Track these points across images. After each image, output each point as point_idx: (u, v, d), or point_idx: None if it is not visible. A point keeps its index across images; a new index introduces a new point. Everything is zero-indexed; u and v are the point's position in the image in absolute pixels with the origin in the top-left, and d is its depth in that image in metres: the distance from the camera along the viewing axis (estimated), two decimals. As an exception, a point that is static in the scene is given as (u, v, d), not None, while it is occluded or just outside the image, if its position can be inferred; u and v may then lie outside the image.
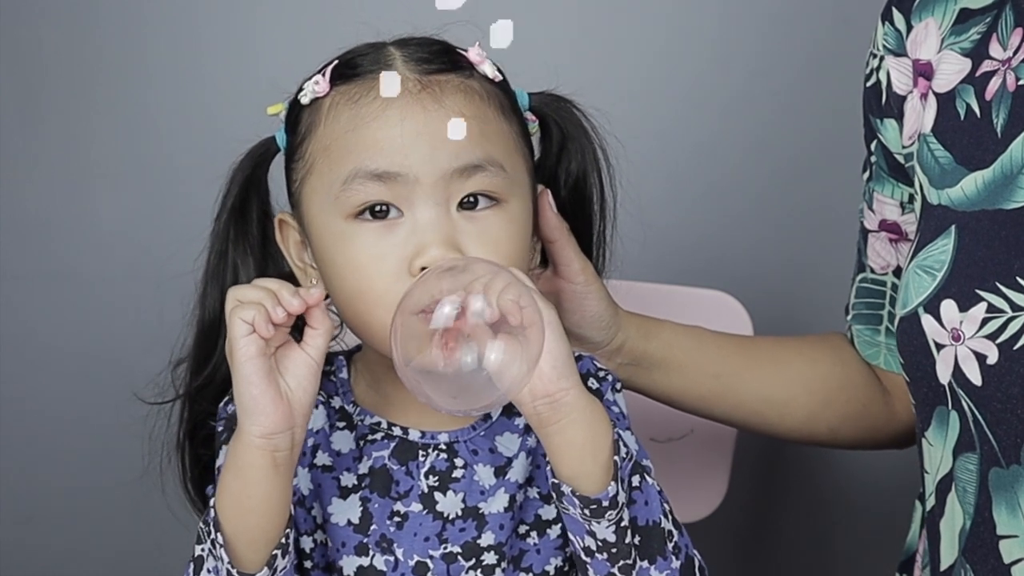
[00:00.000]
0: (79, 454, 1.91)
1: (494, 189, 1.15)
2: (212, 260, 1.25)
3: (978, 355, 1.20)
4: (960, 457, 1.25)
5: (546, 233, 1.27)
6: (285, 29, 1.83)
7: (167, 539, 1.49)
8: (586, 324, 1.33)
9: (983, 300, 1.20)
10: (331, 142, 1.17)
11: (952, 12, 1.32)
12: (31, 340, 1.91)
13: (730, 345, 1.42)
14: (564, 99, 1.28)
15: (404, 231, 1.14)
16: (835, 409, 1.42)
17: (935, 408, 1.26)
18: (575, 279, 1.30)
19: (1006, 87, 1.26)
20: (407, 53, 1.19)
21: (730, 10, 1.83)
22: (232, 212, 1.24)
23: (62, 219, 1.88)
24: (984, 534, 1.23)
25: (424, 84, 1.16)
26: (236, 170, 1.25)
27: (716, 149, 1.83)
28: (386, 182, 1.14)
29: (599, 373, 1.25)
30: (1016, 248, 1.20)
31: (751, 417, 1.42)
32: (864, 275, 1.43)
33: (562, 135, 1.28)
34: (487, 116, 1.18)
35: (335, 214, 1.16)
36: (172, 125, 1.86)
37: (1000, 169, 1.24)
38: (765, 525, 1.94)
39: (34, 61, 1.85)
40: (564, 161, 1.29)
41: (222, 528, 1.12)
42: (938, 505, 1.28)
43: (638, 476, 1.15)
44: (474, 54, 1.20)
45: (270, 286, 1.12)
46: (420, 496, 1.18)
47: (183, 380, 1.26)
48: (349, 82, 1.18)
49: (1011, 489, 1.21)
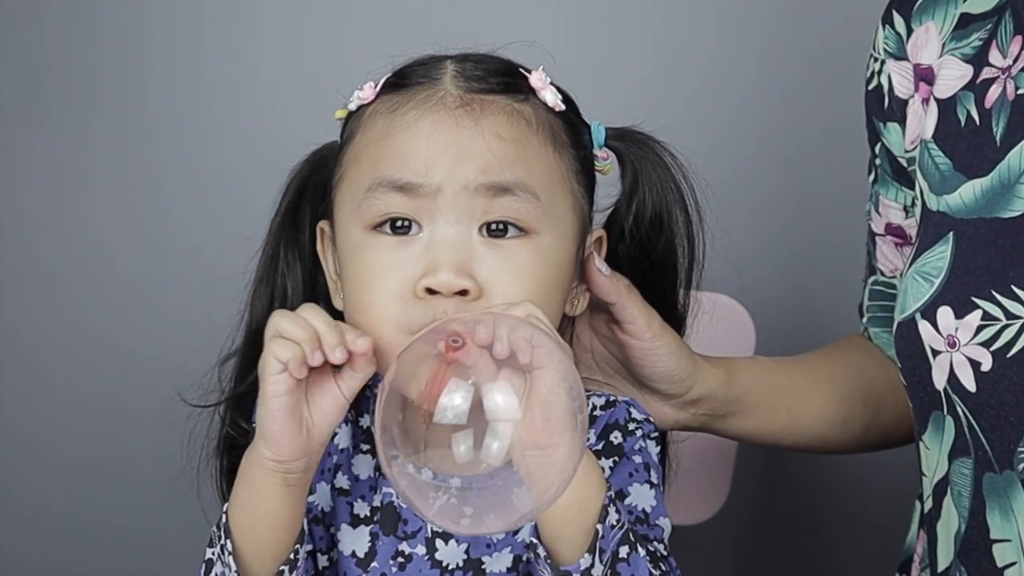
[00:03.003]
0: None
1: (522, 217, 1.10)
2: (263, 262, 1.22)
3: (973, 362, 1.20)
4: (955, 461, 1.25)
5: (602, 296, 1.22)
6: (289, 33, 1.83)
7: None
8: (657, 379, 1.27)
9: (979, 307, 1.20)
10: (362, 150, 1.14)
11: (953, 16, 1.31)
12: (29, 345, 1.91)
13: (795, 373, 1.38)
14: (637, 133, 1.22)
15: (419, 247, 1.09)
16: (887, 413, 1.41)
17: (931, 413, 1.27)
18: (641, 336, 1.24)
19: (1006, 96, 1.25)
20: (462, 69, 1.14)
21: (730, 19, 1.82)
22: (285, 216, 1.21)
23: (62, 221, 1.88)
24: (978, 538, 1.23)
25: (465, 101, 1.11)
26: (294, 173, 1.22)
27: (718, 153, 1.81)
28: (407, 193, 1.09)
29: (629, 425, 1.18)
30: (1012, 257, 1.20)
31: (815, 441, 1.39)
32: (875, 278, 1.43)
33: (635, 173, 1.22)
34: (530, 142, 1.12)
35: (356, 224, 1.12)
36: (174, 128, 1.86)
37: (998, 178, 1.23)
38: (767, 527, 1.94)
39: (38, 64, 1.86)
40: (635, 200, 1.22)
41: (232, 536, 1.10)
42: (935, 508, 1.29)
43: (627, 547, 1.07)
44: (536, 78, 1.16)
45: (316, 325, 1.06)
46: (425, 540, 1.14)
47: (228, 382, 1.23)
48: (395, 91, 1.14)
49: (1004, 494, 1.21)
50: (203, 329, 1.30)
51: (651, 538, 1.13)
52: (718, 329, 1.44)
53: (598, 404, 1.19)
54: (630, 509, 1.14)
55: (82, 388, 1.91)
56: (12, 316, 1.90)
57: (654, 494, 1.15)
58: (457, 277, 1.07)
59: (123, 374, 1.89)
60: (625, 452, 1.16)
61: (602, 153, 1.20)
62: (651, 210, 1.22)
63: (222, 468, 1.23)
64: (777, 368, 1.37)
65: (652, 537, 1.13)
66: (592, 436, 1.17)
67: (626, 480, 1.15)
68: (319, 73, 1.66)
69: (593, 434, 1.17)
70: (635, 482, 1.14)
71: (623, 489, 1.15)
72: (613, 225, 1.24)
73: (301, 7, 1.83)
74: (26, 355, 1.91)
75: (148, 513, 1.89)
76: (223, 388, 1.23)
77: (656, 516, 1.14)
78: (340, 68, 1.21)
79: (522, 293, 1.08)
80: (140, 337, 1.88)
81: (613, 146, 1.21)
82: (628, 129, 1.22)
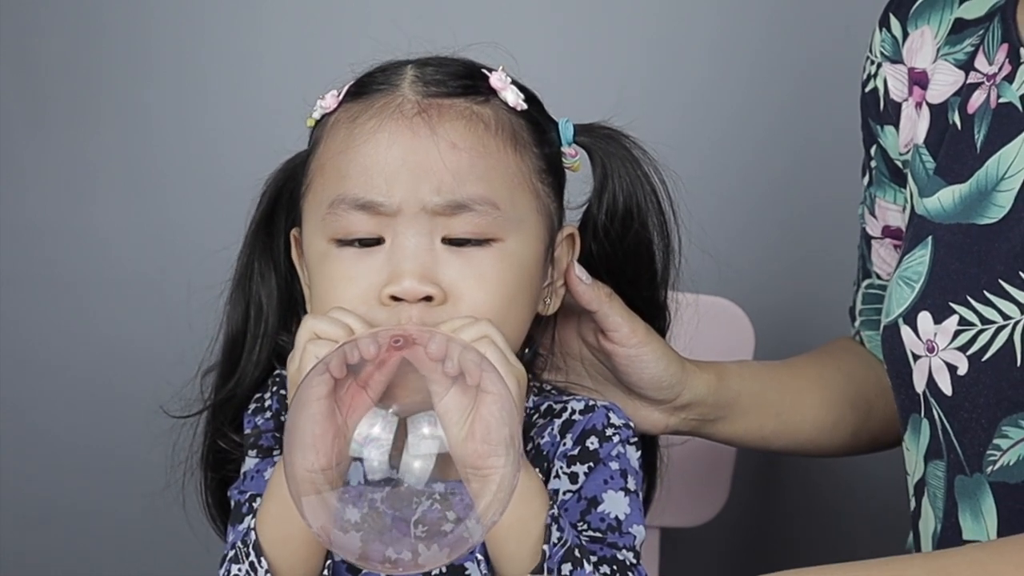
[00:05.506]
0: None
1: (481, 231, 1.10)
2: (239, 270, 1.23)
3: (950, 366, 1.21)
4: (930, 463, 1.26)
5: (583, 305, 1.21)
6: (290, 38, 1.83)
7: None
8: (645, 385, 1.26)
9: (956, 313, 1.21)
10: (326, 161, 1.14)
11: (947, 22, 1.31)
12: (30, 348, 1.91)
13: (785, 377, 1.38)
14: (604, 128, 1.21)
15: (382, 256, 1.10)
16: (876, 417, 1.41)
17: (910, 415, 1.28)
18: (626, 343, 1.23)
19: (989, 103, 1.25)
20: (421, 73, 1.14)
21: (727, 25, 1.82)
22: (260, 224, 1.22)
23: (63, 224, 1.88)
24: (952, 538, 1.24)
25: (423, 108, 1.11)
26: (268, 182, 1.23)
27: (717, 156, 1.81)
28: (368, 211, 1.10)
29: (607, 431, 1.17)
30: (987, 263, 1.20)
31: (805, 445, 1.39)
32: (870, 281, 1.42)
33: (604, 168, 1.21)
34: (487, 149, 1.12)
35: (321, 235, 1.12)
36: (174, 130, 1.86)
37: (976, 185, 1.23)
38: (766, 528, 1.94)
39: (38, 66, 1.86)
40: (606, 195, 1.21)
41: (264, 553, 1.08)
42: (916, 508, 1.30)
43: (570, 564, 1.07)
44: (496, 79, 1.16)
45: (350, 323, 1.07)
46: (409, 546, 1.09)
47: (210, 391, 1.23)
48: (356, 100, 1.15)
49: (974, 496, 1.22)
50: (203, 330, 1.30)
51: (620, 546, 1.13)
52: (717, 333, 1.45)
53: (577, 408, 1.19)
54: (602, 516, 1.14)
55: (83, 389, 1.91)
56: (13, 318, 1.90)
57: (628, 501, 1.14)
58: (421, 284, 1.08)
59: (124, 375, 1.89)
60: (601, 458, 1.16)
61: (570, 150, 1.20)
62: (622, 204, 1.21)
63: (207, 481, 1.23)
64: (767, 373, 1.37)
65: (621, 545, 1.13)
66: (569, 441, 1.17)
67: (600, 487, 1.15)
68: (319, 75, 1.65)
69: (571, 439, 1.17)
70: (609, 489, 1.14)
71: (597, 496, 1.14)
72: (587, 222, 1.23)
73: (301, 9, 1.83)
74: (27, 357, 1.91)
75: (149, 514, 1.89)
76: (205, 400, 1.23)
77: (629, 524, 1.14)
78: (340, 70, 1.21)
79: (487, 297, 1.09)
80: (141, 338, 1.88)
81: (582, 142, 1.20)
82: (596, 125, 1.21)
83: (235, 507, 1.17)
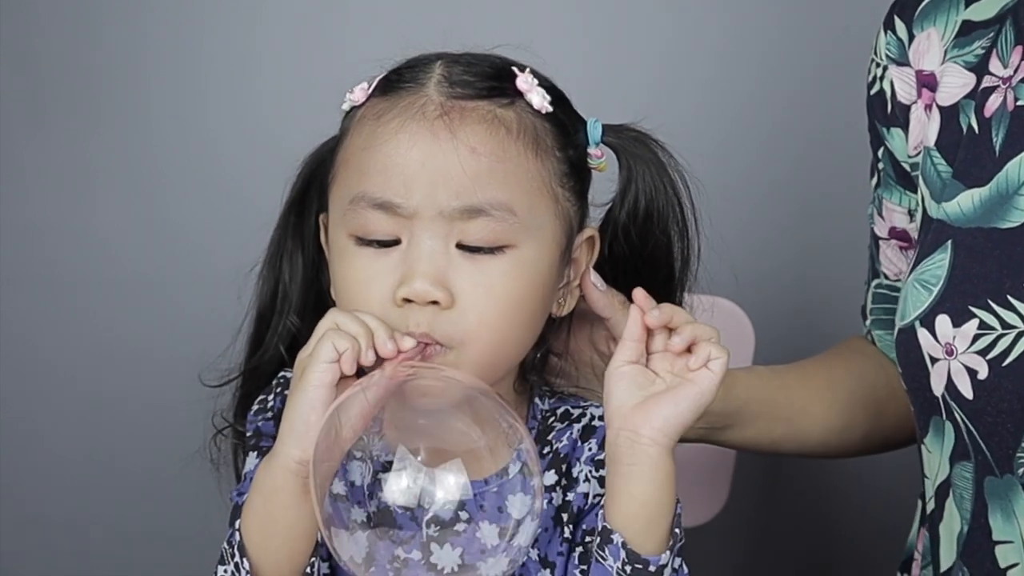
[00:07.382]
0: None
1: (496, 237, 1.11)
2: (270, 248, 1.24)
3: (970, 370, 1.21)
4: (956, 465, 1.26)
5: (597, 311, 1.22)
6: (290, 38, 1.83)
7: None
8: None
9: (976, 317, 1.21)
10: (350, 156, 1.15)
11: (955, 23, 1.31)
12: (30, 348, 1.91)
13: (794, 382, 1.38)
14: (632, 129, 1.21)
15: (398, 256, 1.11)
16: (888, 418, 1.41)
17: (931, 417, 1.27)
18: None
19: (1006, 106, 1.25)
20: (448, 73, 1.15)
21: (734, 25, 1.82)
22: (292, 205, 1.23)
23: (64, 224, 1.88)
24: (980, 539, 1.24)
25: (445, 110, 1.12)
26: (304, 164, 1.23)
27: (721, 157, 1.82)
28: (386, 210, 1.11)
29: None
30: (1008, 267, 1.21)
31: (816, 448, 1.40)
32: (879, 281, 1.42)
33: (629, 169, 1.21)
34: (507, 153, 1.12)
35: (342, 228, 1.14)
36: (175, 130, 1.86)
37: (996, 188, 1.23)
38: (767, 528, 1.94)
39: (38, 67, 1.85)
40: (628, 196, 1.21)
41: (247, 553, 1.09)
42: (937, 509, 1.29)
43: (680, 559, 1.12)
44: (522, 80, 1.15)
45: (370, 324, 1.09)
46: (420, 545, 1.13)
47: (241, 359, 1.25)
48: (384, 96, 1.15)
49: (1006, 497, 1.22)
50: (204, 330, 1.32)
51: None
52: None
53: (596, 415, 1.21)
54: None
55: (84, 389, 1.91)
56: (14, 318, 1.90)
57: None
58: (431, 287, 1.09)
59: (125, 375, 1.89)
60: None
61: (596, 151, 1.20)
62: (644, 208, 1.22)
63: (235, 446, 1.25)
64: (775, 378, 1.37)
65: None
66: (595, 446, 1.20)
67: None
68: (319, 74, 1.66)
69: (595, 443, 1.20)
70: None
71: None
72: (608, 223, 1.23)
73: (301, 8, 1.83)
74: (28, 357, 1.91)
75: (150, 514, 1.90)
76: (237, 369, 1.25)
77: None
78: (341, 68, 1.21)
79: (495, 307, 1.11)
80: (142, 338, 1.88)
81: (609, 142, 1.20)
82: (624, 126, 1.22)
83: (233, 509, 1.16)
